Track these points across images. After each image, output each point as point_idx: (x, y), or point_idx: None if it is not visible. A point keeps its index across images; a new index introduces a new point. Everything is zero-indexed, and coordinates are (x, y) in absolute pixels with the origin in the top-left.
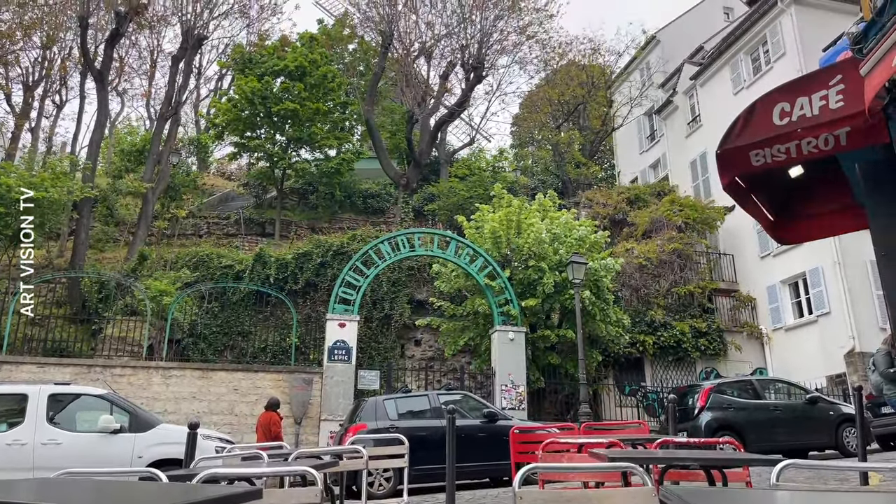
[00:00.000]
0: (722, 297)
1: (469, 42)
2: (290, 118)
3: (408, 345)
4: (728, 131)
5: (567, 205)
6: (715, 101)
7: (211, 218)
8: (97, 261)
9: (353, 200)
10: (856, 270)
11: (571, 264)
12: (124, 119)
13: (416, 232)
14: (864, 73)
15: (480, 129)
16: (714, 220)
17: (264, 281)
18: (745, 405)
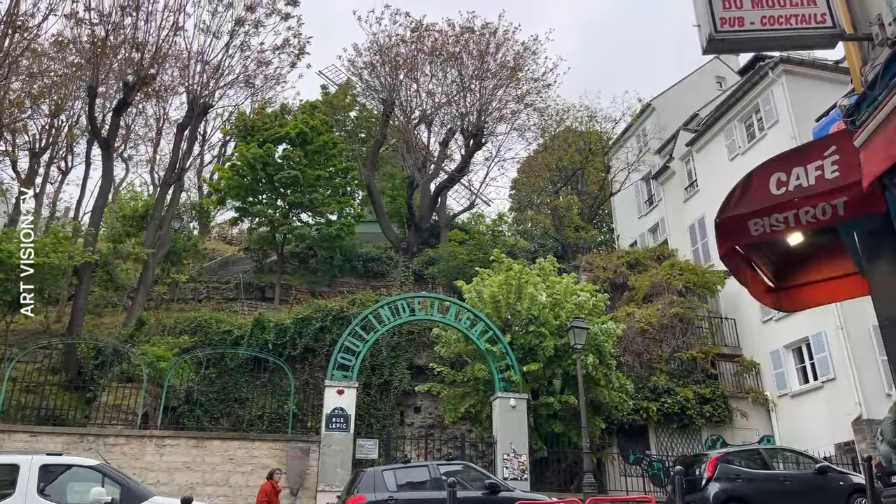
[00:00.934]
0: (725, 363)
1: (469, 110)
2: (291, 184)
3: (407, 412)
4: (726, 200)
5: (567, 268)
6: (711, 166)
7: (211, 282)
8: (95, 326)
9: (354, 264)
10: (859, 336)
11: (573, 329)
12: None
13: (416, 296)
14: (858, 145)
15: (480, 194)
16: (714, 285)
17: (263, 346)
18: (753, 475)
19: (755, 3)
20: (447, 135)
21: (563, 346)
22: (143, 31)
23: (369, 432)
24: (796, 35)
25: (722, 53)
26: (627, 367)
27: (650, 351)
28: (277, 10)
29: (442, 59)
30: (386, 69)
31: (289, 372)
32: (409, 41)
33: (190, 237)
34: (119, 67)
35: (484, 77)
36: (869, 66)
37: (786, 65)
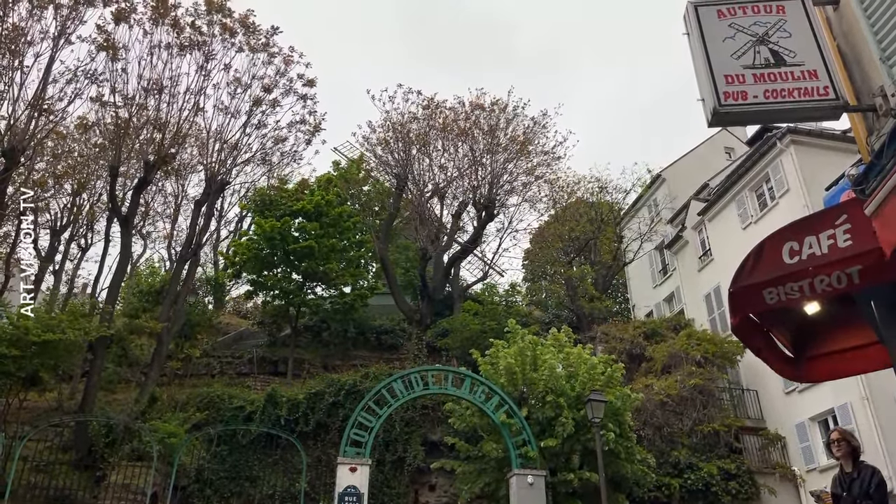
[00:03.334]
0: (749, 436)
1: (480, 183)
2: (305, 256)
3: (421, 490)
4: (739, 270)
5: (582, 339)
6: (724, 235)
7: (224, 357)
8: (108, 402)
9: (367, 337)
10: (886, 407)
11: (590, 402)
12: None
13: (430, 369)
14: (869, 213)
15: (493, 265)
16: (734, 355)
17: (275, 422)
18: None
19: (758, 78)
20: (459, 207)
21: (581, 419)
22: (164, 113)
23: None
24: (800, 108)
25: (727, 126)
26: (647, 440)
27: (670, 424)
28: (294, 91)
29: (453, 134)
30: (399, 145)
31: (301, 448)
32: (421, 118)
33: (205, 311)
34: (140, 147)
35: (495, 151)
36: (874, 135)
37: (793, 135)
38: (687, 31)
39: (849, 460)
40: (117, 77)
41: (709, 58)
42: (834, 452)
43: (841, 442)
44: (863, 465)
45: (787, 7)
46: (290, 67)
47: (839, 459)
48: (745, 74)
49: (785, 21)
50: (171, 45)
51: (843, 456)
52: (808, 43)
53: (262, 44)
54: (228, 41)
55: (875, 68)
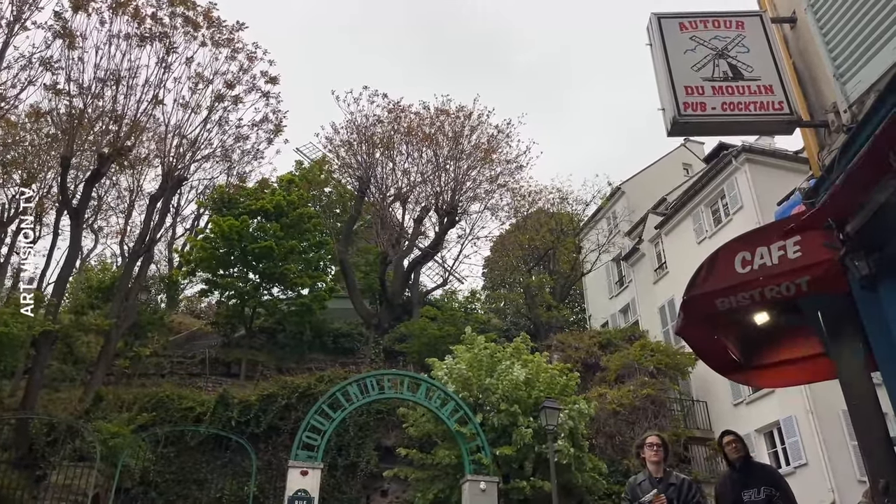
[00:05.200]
0: (698, 446)
1: (443, 189)
2: (264, 256)
3: (374, 496)
4: (692, 279)
5: (539, 348)
6: (680, 249)
7: (175, 357)
8: (50, 401)
9: (323, 340)
10: (830, 421)
11: (545, 409)
12: (98, 256)
13: (386, 373)
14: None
15: (453, 272)
16: (685, 366)
17: (226, 424)
18: None
19: (716, 90)
20: (422, 212)
21: (538, 428)
22: (121, 104)
23: None
24: (755, 121)
25: (685, 136)
26: (599, 449)
27: (622, 433)
28: (257, 88)
29: (418, 139)
30: (363, 147)
31: (251, 451)
32: (385, 121)
33: (157, 310)
34: (95, 139)
35: (458, 158)
36: (826, 151)
37: (748, 154)
38: (650, 41)
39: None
40: (73, 66)
41: (670, 68)
42: (731, 454)
43: (737, 443)
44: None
45: (747, 23)
46: (253, 64)
47: (736, 460)
48: (705, 86)
49: (744, 37)
50: (131, 35)
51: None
52: (766, 59)
53: (225, 39)
54: (191, 34)
55: (828, 85)
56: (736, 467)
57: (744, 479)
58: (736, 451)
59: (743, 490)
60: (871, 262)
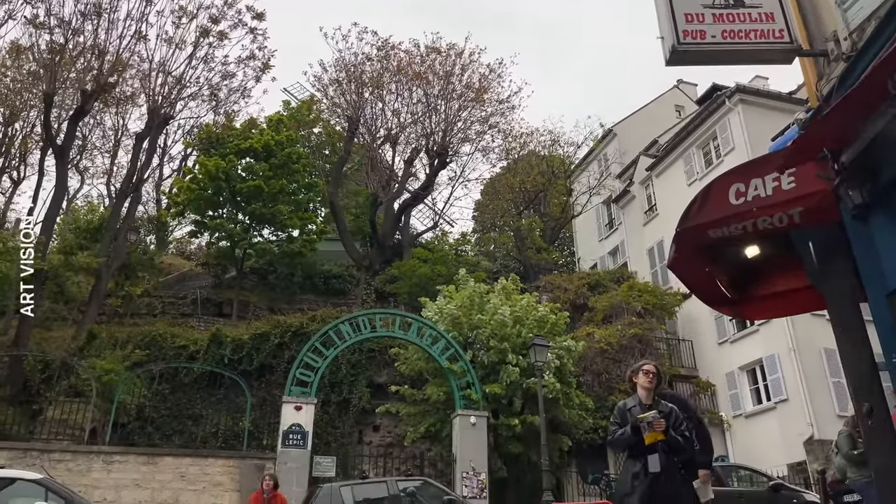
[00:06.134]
0: (682, 384)
1: (434, 130)
2: (253, 197)
3: (366, 430)
4: (686, 211)
5: (528, 289)
6: (670, 191)
7: (167, 297)
8: (43, 339)
9: (315, 281)
10: (811, 358)
11: (534, 346)
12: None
13: (378, 312)
14: None
15: (444, 215)
16: (672, 307)
17: (219, 362)
18: None
19: (716, 18)
20: (412, 154)
21: (525, 365)
22: (103, 39)
23: (327, 450)
24: (755, 49)
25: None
26: (587, 386)
27: (609, 371)
28: (243, 23)
29: (408, 78)
30: (352, 86)
31: (245, 388)
32: (375, 59)
33: (146, 251)
34: (77, 75)
35: (449, 98)
36: (824, 80)
37: (742, 94)
38: None
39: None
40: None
41: None
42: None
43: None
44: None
45: None
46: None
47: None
48: (705, 14)
49: None
50: None
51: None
52: None
53: None
54: None
55: (829, 13)
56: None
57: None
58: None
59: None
60: (865, 192)
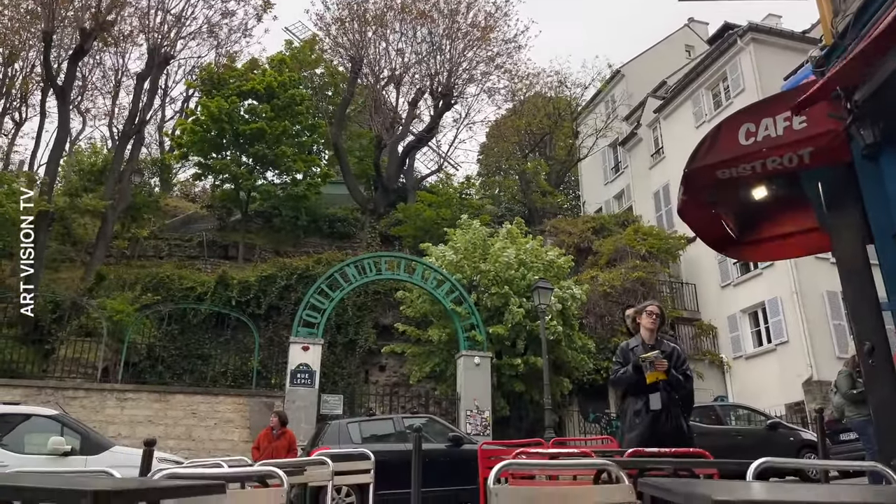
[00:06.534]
0: (684, 326)
1: (438, 70)
2: (256, 139)
3: (372, 370)
4: (695, 151)
5: (533, 232)
6: (677, 134)
7: (173, 240)
8: (52, 280)
9: (319, 225)
10: (813, 301)
11: (538, 289)
12: (85, 138)
13: (383, 255)
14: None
15: (448, 157)
16: (676, 250)
17: (226, 304)
18: (707, 430)
19: None
20: (416, 95)
21: (529, 308)
22: None
23: (334, 389)
24: None
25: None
26: (589, 328)
27: (612, 314)
28: None
29: (412, 16)
30: (355, 25)
31: (253, 328)
32: None
33: (151, 193)
34: (76, 14)
35: (454, 37)
36: (840, 16)
37: (754, 33)
38: None
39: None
40: None
41: None
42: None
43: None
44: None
45: None
46: None
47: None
48: None
49: None
50: None
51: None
52: None
53: None
54: None
55: None
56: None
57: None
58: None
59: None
60: (877, 131)
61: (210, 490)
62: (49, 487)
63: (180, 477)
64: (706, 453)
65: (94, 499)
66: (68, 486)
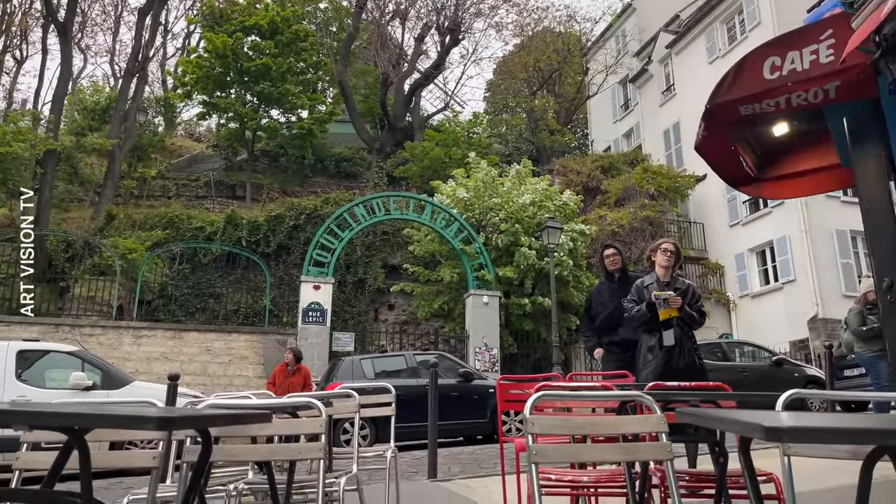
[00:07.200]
0: (691, 265)
1: (445, 4)
2: (261, 76)
3: (381, 309)
4: (718, 86)
5: (541, 172)
6: (690, 70)
7: (180, 180)
8: (62, 220)
9: (325, 164)
10: (822, 239)
11: (547, 229)
12: (88, 76)
13: (392, 195)
14: (855, 26)
15: (455, 96)
16: (685, 189)
17: (236, 243)
18: (713, 367)
19: None
20: (422, 30)
21: (538, 247)
22: None
23: (344, 327)
24: None
25: None
26: (597, 267)
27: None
28: None
29: None
30: None
31: (264, 267)
32: None
33: (156, 133)
34: None
35: None
36: None
37: None
38: None
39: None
40: None
41: None
42: (610, 266)
43: (616, 256)
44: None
45: None
46: None
47: (614, 271)
48: None
49: None
50: None
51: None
52: None
53: None
54: None
55: None
56: (614, 278)
57: (621, 288)
58: (614, 264)
59: (621, 298)
60: None
61: (256, 419)
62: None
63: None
64: (726, 386)
65: (160, 424)
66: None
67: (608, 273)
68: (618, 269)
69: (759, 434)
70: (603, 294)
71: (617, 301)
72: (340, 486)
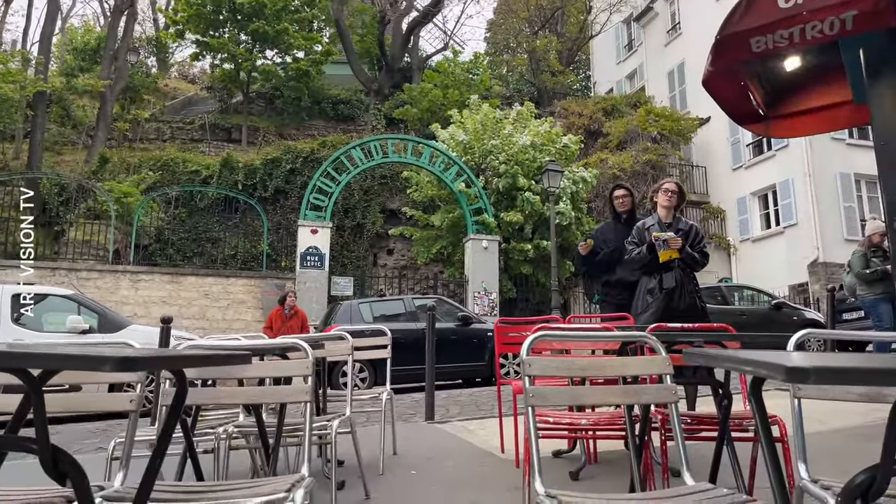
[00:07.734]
0: (693, 209)
1: None
2: (255, 14)
3: (380, 254)
4: (729, 15)
5: (542, 114)
6: (696, 8)
7: (174, 122)
8: (55, 163)
9: (323, 106)
10: (825, 183)
11: (548, 172)
12: (78, 14)
13: (390, 138)
14: None
15: (454, 35)
16: (688, 132)
17: (233, 187)
18: (712, 310)
19: None
20: None
21: (538, 192)
22: None
23: (343, 272)
24: None
25: None
26: (598, 211)
27: None
28: None
29: None
30: None
31: (261, 212)
32: None
33: (149, 74)
34: None
35: None
36: None
37: None
38: None
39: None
40: None
41: None
42: (619, 207)
43: (626, 198)
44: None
45: None
46: None
47: (623, 213)
48: None
49: None
50: None
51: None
52: None
53: None
54: None
55: None
56: (622, 219)
57: (627, 230)
58: (624, 205)
59: (625, 238)
60: None
61: (233, 360)
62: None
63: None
64: (730, 328)
65: (118, 365)
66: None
67: (616, 213)
68: (626, 210)
69: (782, 375)
70: (606, 233)
71: (620, 241)
72: (333, 428)
